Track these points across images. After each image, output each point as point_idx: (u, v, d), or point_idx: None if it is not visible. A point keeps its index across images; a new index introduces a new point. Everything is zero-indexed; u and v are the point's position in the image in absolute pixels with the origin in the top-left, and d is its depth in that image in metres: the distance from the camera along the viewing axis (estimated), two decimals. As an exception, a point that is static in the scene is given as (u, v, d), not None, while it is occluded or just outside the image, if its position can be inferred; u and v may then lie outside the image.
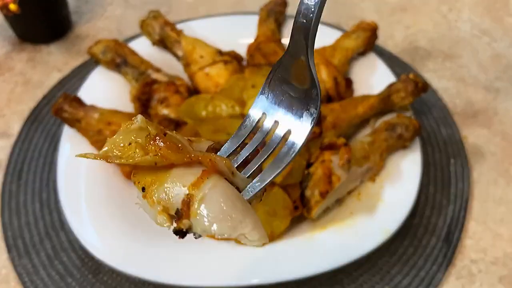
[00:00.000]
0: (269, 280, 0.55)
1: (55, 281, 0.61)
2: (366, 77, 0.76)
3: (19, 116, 0.80)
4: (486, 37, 0.95)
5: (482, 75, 0.88)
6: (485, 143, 0.77)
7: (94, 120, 0.65)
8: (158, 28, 0.78)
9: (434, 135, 0.77)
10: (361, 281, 0.61)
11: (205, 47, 0.75)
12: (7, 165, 0.73)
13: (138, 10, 0.99)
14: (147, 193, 0.28)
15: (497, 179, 0.72)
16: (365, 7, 1.01)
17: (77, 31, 0.94)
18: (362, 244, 0.57)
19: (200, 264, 0.56)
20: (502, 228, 0.67)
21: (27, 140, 0.76)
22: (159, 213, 0.29)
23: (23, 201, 0.68)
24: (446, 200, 0.69)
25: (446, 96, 0.84)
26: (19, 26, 0.89)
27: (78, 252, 0.63)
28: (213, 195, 0.28)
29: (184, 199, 0.28)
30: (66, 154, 0.65)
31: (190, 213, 0.28)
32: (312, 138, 0.60)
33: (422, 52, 0.92)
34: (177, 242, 0.58)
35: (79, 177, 0.63)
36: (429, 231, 0.66)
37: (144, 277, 0.55)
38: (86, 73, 0.83)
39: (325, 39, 0.77)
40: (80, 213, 0.60)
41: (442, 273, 0.62)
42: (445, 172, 0.72)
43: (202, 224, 0.28)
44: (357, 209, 0.61)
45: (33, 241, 0.64)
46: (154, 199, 0.29)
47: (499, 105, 0.83)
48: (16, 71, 0.87)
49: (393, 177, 0.64)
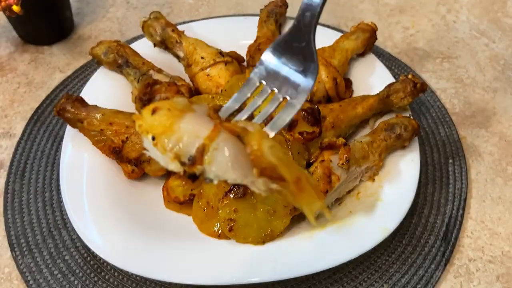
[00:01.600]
0: (269, 279, 0.55)
1: (57, 280, 0.61)
2: (365, 78, 0.77)
3: (22, 116, 0.80)
4: (484, 38, 0.95)
5: (480, 75, 0.88)
6: (483, 143, 0.78)
7: (96, 120, 0.65)
8: (159, 29, 0.79)
9: (432, 135, 0.78)
10: (360, 280, 0.62)
11: (206, 48, 0.76)
12: (10, 164, 0.73)
13: (139, 11, 1.00)
14: (158, 142, 0.31)
15: (495, 178, 0.73)
16: (364, 9, 1.02)
17: (79, 32, 0.95)
18: (361, 242, 0.57)
19: (200, 262, 0.57)
20: (499, 227, 0.68)
21: (30, 140, 0.76)
22: (171, 159, 0.32)
23: (26, 200, 0.69)
24: (444, 199, 0.70)
25: (445, 97, 0.84)
26: (22, 28, 0.90)
27: (81, 251, 0.64)
28: (226, 145, 0.32)
29: (199, 147, 0.31)
30: (69, 154, 0.66)
31: (204, 160, 0.32)
32: (311, 138, 0.61)
33: (421, 53, 0.92)
34: (178, 241, 0.59)
35: (82, 177, 0.64)
36: (427, 230, 0.66)
37: (145, 275, 0.55)
38: (88, 74, 0.85)
39: (325, 40, 0.78)
40: (83, 212, 0.60)
41: (440, 271, 0.62)
42: (443, 171, 0.73)
43: (215, 170, 0.32)
44: (356, 208, 0.62)
45: (36, 240, 0.65)
46: (166, 147, 0.31)
47: (497, 106, 0.83)
48: (19, 72, 0.87)
49: (392, 177, 0.64)
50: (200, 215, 0.62)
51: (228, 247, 0.58)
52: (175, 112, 0.32)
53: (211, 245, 0.59)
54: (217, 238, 0.60)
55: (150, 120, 0.32)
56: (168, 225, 0.62)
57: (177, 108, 0.32)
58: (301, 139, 0.60)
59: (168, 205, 0.65)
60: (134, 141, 0.63)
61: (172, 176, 0.66)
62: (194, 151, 0.32)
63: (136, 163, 0.64)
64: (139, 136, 0.63)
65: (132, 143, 0.63)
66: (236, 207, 0.58)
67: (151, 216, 0.63)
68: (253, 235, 0.58)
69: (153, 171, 0.65)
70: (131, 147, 0.63)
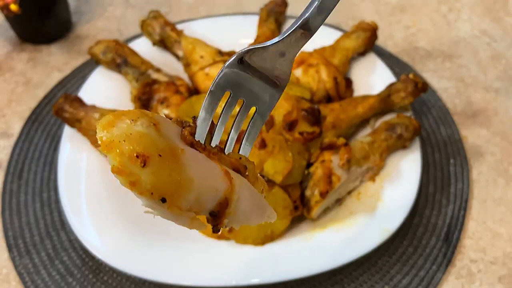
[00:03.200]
0: (269, 280, 0.55)
1: (55, 281, 0.61)
2: (366, 77, 0.76)
3: (19, 116, 0.80)
4: (486, 37, 0.95)
5: (481, 75, 0.88)
6: (484, 143, 0.77)
7: (94, 120, 0.65)
8: (158, 28, 0.78)
9: (433, 135, 0.77)
10: (360, 281, 0.61)
11: (205, 47, 0.75)
12: (8, 165, 0.73)
13: (138, 10, 0.99)
14: (172, 203, 0.28)
15: (497, 179, 0.73)
16: (365, 8, 1.01)
17: (77, 31, 0.94)
18: (362, 243, 0.57)
19: (200, 263, 0.56)
20: (501, 228, 0.67)
21: (28, 140, 0.76)
22: (193, 219, 0.30)
23: (23, 201, 0.69)
24: (445, 200, 0.69)
25: (446, 96, 0.84)
26: (19, 27, 0.89)
27: (79, 252, 0.63)
28: (243, 193, 0.31)
29: (221, 202, 0.30)
30: (67, 154, 0.65)
31: (227, 213, 0.30)
32: (312, 138, 0.60)
33: (422, 52, 0.92)
34: (177, 242, 0.58)
35: (80, 177, 0.63)
36: (428, 231, 0.66)
37: (144, 276, 0.55)
38: (86, 73, 0.84)
39: (325, 39, 0.77)
40: (81, 212, 0.60)
41: (441, 272, 0.62)
42: (444, 172, 0.72)
43: (238, 219, 0.31)
44: (357, 209, 0.62)
45: (34, 241, 0.65)
46: (182, 207, 0.29)
47: (499, 105, 0.83)
48: (16, 71, 0.87)
49: (393, 177, 0.64)
50: (200, 216, 0.61)
51: (228, 248, 0.58)
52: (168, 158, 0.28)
53: (210, 246, 0.59)
54: (217, 239, 0.60)
55: (147, 177, 0.27)
56: (167, 226, 0.61)
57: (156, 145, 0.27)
58: (301, 139, 0.60)
59: (167, 205, 0.64)
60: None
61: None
62: (214, 206, 0.30)
63: (134, 163, 0.63)
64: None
65: (131, 143, 0.63)
66: (236, 208, 0.57)
67: (149, 217, 0.62)
68: (253, 236, 0.58)
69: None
70: (130, 147, 0.63)
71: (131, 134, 0.27)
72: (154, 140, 0.27)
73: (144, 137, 0.27)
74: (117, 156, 0.26)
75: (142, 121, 0.28)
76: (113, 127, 0.27)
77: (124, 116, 0.28)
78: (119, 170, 0.27)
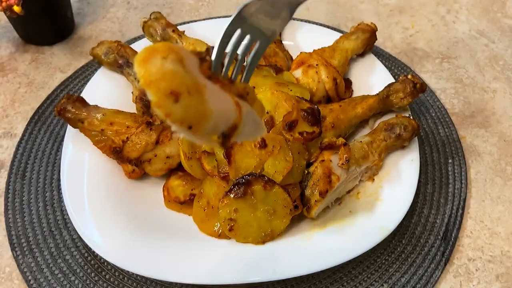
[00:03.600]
0: (269, 278, 0.55)
1: (58, 279, 0.62)
2: (365, 78, 0.77)
3: (22, 116, 0.81)
4: (483, 38, 0.96)
5: (479, 76, 0.89)
6: (482, 143, 0.78)
7: (97, 120, 0.66)
8: (160, 30, 0.79)
9: (432, 135, 0.78)
10: (359, 279, 0.62)
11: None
12: (11, 164, 0.73)
13: (140, 12, 1.00)
14: (196, 129, 0.34)
15: (494, 178, 0.73)
16: (364, 9, 1.02)
17: (79, 32, 0.95)
18: (361, 242, 0.58)
19: (200, 261, 0.57)
20: (499, 227, 0.68)
21: (31, 140, 0.77)
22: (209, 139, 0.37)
23: (26, 200, 0.69)
24: (444, 199, 0.70)
25: (444, 97, 0.85)
26: (22, 28, 0.90)
27: (81, 251, 0.64)
28: (248, 118, 0.40)
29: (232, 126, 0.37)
30: (69, 154, 0.66)
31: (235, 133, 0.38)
32: (311, 138, 0.61)
33: (421, 53, 0.93)
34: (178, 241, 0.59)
35: (82, 177, 0.64)
36: (427, 230, 0.66)
37: (146, 274, 0.56)
38: (89, 74, 0.85)
39: (325, 40, 0.78)
40: (83, 212, 0.60)
41: (440, 271, 0.63)
42: (443, 171, 0.73)
43: (243, 137, 0.40)
44: (356, 208, 0.62)
45: (37, 240, 0.65)
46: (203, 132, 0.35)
47: (497, 106, 0.83)
48: (19, 72, 0.88)
49: (392, 177, 0.64)
50: (201, 215, 0.62)
51: (228, 247, 0.58)
52: (194, 94, 0.33)
53: (211, 245, 0.59)
54: (217, 238, 0.60)
55: (179, 110, 0.32)
56: (168, 224, 0.62)
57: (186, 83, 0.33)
58: (301, 139, 0.60)
59: (168, 204, 0.65)
60: (135, 141, 0.63)
61: (173, 176, 0.66)
62: (226, 129, 0.37)
63: (136, 163, 0.64)
64: (140, 136, 0.63)
65: (133, 143, 0.63)
66: (236, 207, 0.58)
67: (151, 216, 0.63)
68: (253, 235, 0.58)
69: (153, 171, 0.65)
70: (132, 147, 0.63)
71: (165, 73, 0.32)
72: (183, 78, 0.33)
73: (176, 75, 0.32)
74: (156, 93, 0.31)
75: (171, 58, 0.32)
76: (148, 64, 0.31)
77: (156, 52, 0.32)
78: (158, 105, 0.31)
